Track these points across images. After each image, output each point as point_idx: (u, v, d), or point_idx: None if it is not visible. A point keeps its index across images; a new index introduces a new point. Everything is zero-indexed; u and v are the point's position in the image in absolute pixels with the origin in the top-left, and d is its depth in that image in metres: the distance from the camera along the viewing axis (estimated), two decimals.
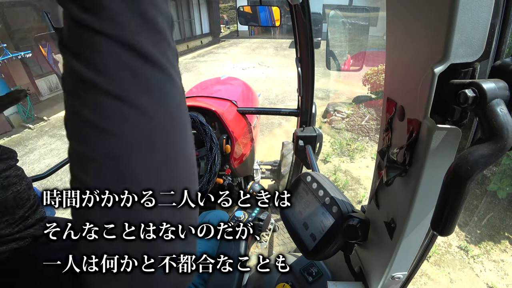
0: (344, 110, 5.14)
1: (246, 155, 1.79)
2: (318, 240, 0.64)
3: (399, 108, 0.46)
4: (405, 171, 0.45)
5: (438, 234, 0.35)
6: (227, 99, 1.76)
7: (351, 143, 4.37)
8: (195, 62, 10.50)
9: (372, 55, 6.16)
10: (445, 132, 0.38)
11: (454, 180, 0.32)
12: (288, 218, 0.74)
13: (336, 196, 0.64)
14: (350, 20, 5.38)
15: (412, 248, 0.53)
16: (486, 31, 0.34)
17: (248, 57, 10.71)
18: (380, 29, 8.52)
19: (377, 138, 4.36)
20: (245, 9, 1.48)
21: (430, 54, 0.37)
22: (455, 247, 2.74)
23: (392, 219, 0.51)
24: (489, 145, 0.30)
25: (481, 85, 0.32)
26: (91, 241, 0.26)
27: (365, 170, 3.80)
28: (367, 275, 0.65)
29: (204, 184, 1.10)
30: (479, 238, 2.84)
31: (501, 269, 2.55)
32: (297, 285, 0.86)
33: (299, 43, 1.36)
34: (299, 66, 1.42)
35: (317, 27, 6.68)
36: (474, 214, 3.02)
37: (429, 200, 0.44)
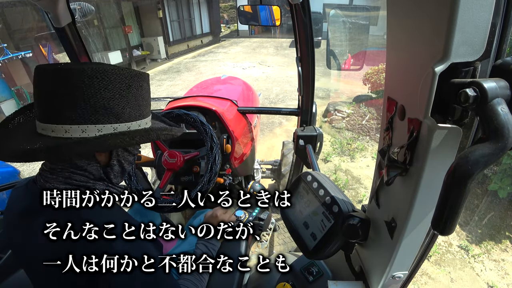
0: (344, 110, 5.13)
1: (247, 154, 1.79)
2: (319, 240, 0.64)
3: (400, 108, 0.46)
4: (405, 171, 0.45)
5: (439, 233, 0.35)
6: (228, 99, 1.76)
7: (351, 143, 4.37)
8: (195, 61, 10.49)
9: (373, 54, 6.15)
10: (446, 131, 0.38)
11: (454, 180, 0.32)
12: (288, 218, 0.74)
13: (337, 195, 0.64)
14: (351, 19, 5.37)
15: (412, 248, 0.53)
16: (487, 30, 0.34)
17: (249, 57, 10.70)
18: (381, 28, 8.50)
19: (377, 137, 4.36)
20: (246, 8, 1.48)
21: (430, 53, 0.37)
22: (455, 246, 2.74)
23: (392, 219, 0.51)
24: (489, 145, 0.30)
25: (482, 84, 0.32)
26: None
27: (366, 169, 3.80)
28: (368, 274, 0.65)
29: (205, 183, 1.10)
30: (479, 237, 2.84)
31: (501, 268, 2.55)
32: (297, 284, 0.86)
33: (299, 42, 1.36)
34: (300, 65, 1.42)
35: (318, 26, 6.67)
36: (475, 213, 3.02)
37: (429, 199, 0.43)
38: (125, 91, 0.57)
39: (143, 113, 0.63)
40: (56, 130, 0.54)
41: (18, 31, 6.47)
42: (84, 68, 0.53)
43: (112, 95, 0.55)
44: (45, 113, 0.55)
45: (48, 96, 0.54)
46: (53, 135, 0.54)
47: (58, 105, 0.54)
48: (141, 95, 0.61)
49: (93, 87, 0.53)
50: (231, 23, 20.59)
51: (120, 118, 0.57)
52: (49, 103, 0.54)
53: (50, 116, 0.54)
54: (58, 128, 0.54)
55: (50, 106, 0.54)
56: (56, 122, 0.54)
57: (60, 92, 0.53)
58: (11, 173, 2.62)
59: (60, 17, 1.19)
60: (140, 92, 0.61)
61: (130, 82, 0.58)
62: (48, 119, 0.54)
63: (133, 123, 0.60)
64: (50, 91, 0.54)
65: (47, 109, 0.55)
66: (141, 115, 0.62)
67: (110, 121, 0.56)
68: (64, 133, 0.54)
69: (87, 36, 7.62)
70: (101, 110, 0.55)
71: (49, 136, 0.54)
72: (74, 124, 0.54)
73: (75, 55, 1.35)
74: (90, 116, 0.54)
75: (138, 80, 0.60)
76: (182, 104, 1.54)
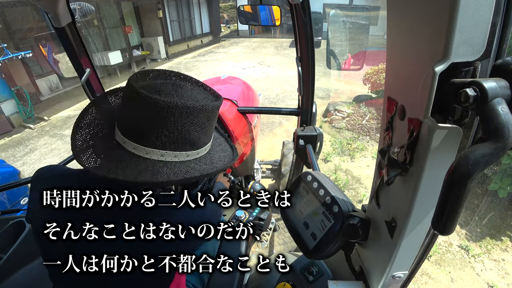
0: (344, 109, 5.13)
1: (247, 154, 1.79)
2: (319, 240, 0.64)
3: (400, 107, 0.46)
4: (405, 171, 0.45)
5: (439, 233, 0.35)
6: (228, 99, 1.76)
7: (351, 142, 4.37)
8: (195, 61, 10.49)
9: (373, 54, 6.14)
10: (446, 131, 0.38)
11: (455, 179, 0.32)
12: (288, 218, 0.74)
13: (337, 195, 0.64)
14: (351, 19, 5.37)
15: (412, 247, 0.53)
16: (487, 30, 0.34)
17: (249, 57, 10.70)
18: (381, 28, 8.50)
19: (377, 137, 4.36)
20: (246, 8, 1.48)
21: (430, 53, 0.37)
22: (455, 246, 2.74)
23: (392, 218, 0.51)
24: (490, 145, 0.30)
25: (482, 84, 0.32)
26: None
27: (366, 169, 3.80)
28: (368, 274, 0.65)
29: (206, 182, 1.10)
30: (480, 237, 2.84)
31: (502, 268, 2.55)
32: (297, 284, 0.86)
33: (299, 42, 1.36)
34: (300, 65, 1.42)
35: (318, 26, 6.66)
36: (475, 213, 3.02)
37: (429, 199, 0.43)
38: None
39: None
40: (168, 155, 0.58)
41: (18, 31, 6.47)
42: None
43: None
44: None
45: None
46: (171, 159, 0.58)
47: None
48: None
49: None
50: (231, 23, 20.59)
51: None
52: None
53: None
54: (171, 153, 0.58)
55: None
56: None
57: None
58: (11, 173, 2.62)
59: (60, 17, 1.19)
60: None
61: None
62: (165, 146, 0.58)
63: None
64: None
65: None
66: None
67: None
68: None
69: (87, 36, 7.63)
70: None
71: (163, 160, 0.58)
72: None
73: (75, 55, 1.35)
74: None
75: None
76: None
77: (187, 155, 0.60)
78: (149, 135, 0.56)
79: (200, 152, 0.63)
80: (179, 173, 0.58)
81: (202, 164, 0.63)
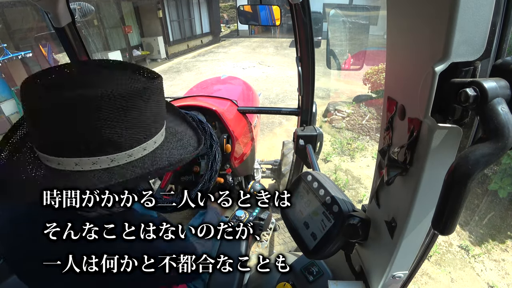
0: (344, 109, 5.13)
1: (247, 154, 1.79)
2: (319, 240, 0.64)
3: (400, 107, 0.46)
4: (405, 170, 0.45)
5: (439, 233, 0.35)
6: (228, 99, 1.76)
7: (351, 142, 4.36)
8: (195, 61, 10.49)
9: (373, 54, 6.14)
10: (446, 131, 0.38)
11: (455, 179, 0.32)
12: (288, 218, 0.74)
13: (337, 195, 0.64)
14: (351, 19, 5.37)
15: (412, 247, 0.53)
16: (487, 30, 0.34)
17: (249, 57, 10.69)
18: (381, 28, 8.50)
19: (377, 137, 4.36)
20: (245, 8, 1.48)
21: (430, 53, 0.37)
22: (456, 246, 2.74)
23: (392, 218, 0.51)
24: (490, 144, 0.30)
25: (482, 84, 0.32)
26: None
27: (366, 169, 3.79)
28: (368, 274, 0.65)
29: (206, 182, 1.10)
30: (480, 237, 2.84)
31: (502, 268, 2.54)
32: (298, 284, 0.86)
33: (299, 42, 1.36)
34: (300, 65, 1.42)
35: (318, 26, 6.66)
36: (475, 213, 3.02)
37: (429, 199, 0.43)
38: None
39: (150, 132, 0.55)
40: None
41: (18, 31, 6.47)
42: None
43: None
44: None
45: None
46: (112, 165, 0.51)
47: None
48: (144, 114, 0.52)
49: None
50: (231, 23, 20.58)
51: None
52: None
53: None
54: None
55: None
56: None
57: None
58: None
59: (60, 17, 1.19)
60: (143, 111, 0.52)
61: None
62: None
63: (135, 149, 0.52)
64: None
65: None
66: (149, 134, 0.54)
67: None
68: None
69: (87, 36, 7.62)
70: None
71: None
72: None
73: (75, 55, 1.35)
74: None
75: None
76: (182, 104, 1.54)
77: (111, 159, 0.50)
78: (59, 142, 0.48)
79: (133, 153, 0.52)
80: (98, 183, 0.48)
81: (136, 168, 0.52)
